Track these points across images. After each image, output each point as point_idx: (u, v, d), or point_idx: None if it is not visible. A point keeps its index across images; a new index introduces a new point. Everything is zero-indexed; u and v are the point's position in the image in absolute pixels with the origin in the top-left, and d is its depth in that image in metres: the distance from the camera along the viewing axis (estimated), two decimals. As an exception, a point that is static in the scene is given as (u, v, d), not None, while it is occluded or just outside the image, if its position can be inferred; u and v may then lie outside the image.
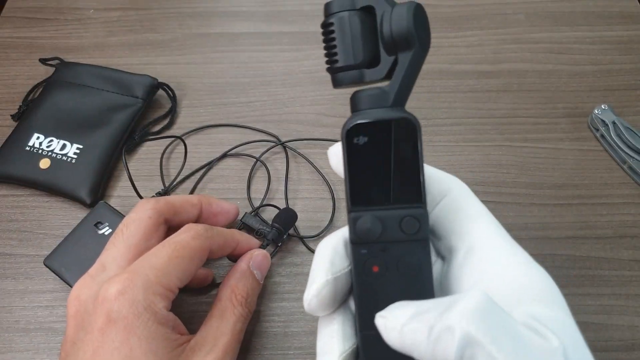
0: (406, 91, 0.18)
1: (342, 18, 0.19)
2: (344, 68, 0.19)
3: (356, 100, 0.18)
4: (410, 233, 0.18)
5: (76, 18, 0.48)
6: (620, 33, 0.46)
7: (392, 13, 0.17)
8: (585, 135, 0.39)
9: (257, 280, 0.28)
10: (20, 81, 0.43)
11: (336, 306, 0.20)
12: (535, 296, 0.17)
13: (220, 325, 0.25)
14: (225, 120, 0.40)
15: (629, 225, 0.35)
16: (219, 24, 0.47)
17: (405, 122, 0.18)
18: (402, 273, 0.18)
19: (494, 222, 0.20)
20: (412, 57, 0.17)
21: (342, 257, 0.20)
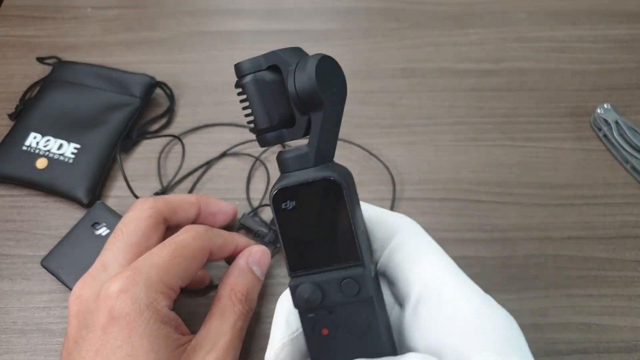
0: (327, 147, 0.18)
1: (249, 82, 0.18)
2: (262, 131, 0.18)
3: (281, 162, 0.18)
4: (352, 295, 0.17)
5: (73, 16, 0.47)
6: (623, 32, 0.46)
7: (296, 71, 0.17)
8: (587, 134, 0.39)
9: (256, 277, 0.27)
10: (17, 80, 0.42)
11: None
12: (492, 344, 0.16)
13: (221, 324, 0.24)
14: (224, 119, 0.40)
15: (631, 226, 0.34)
16: (217, 22, 0.47)
17: (327, 182, 0.17)
18: (351, 333, 0.18)
19: (444, 261, 0.19)
20: (323, 115, 0.17)
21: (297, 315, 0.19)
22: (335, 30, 0.46)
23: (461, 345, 0.17)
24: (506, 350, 0.16)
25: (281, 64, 0.18)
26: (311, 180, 0.17)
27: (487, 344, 0.16)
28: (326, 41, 0.45)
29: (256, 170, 0.37)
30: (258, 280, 0.27)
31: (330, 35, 0.46)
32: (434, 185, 0.37)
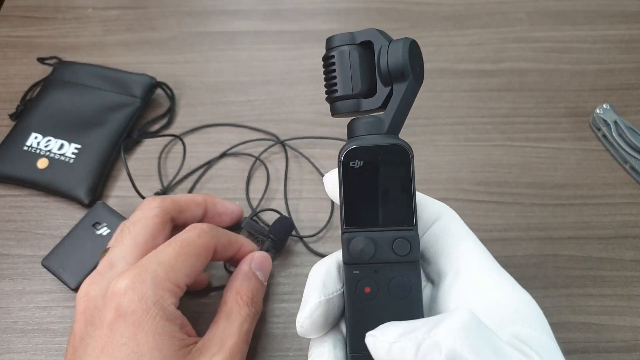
0: (400, 119, 0.19)
1: (343, 52, 0.20)
2: (342, 97, 0.20)
3: (353, 127, 0.20)
4: (402, 254, 0.18)
5: (74, 17, 0.47)
6: (622, 32, 0.46)
7: (390, 47, 0.19)
8: (586, 134, 0.39)
9: (260, 281, 0.27)
10: (18, 80, 0.43)
11: (328, 328, 0.20)
12: (519, 318, 0.18)
13: (227, 326, 0.24)
14: (224, 120, 0.40)
15: (631, 226, 0.34)
16: (217, 23, 0.47)
17: (398, 148, 0.19)
18: (392, 294, 0.19)
19: (481, 248, 0.20)
20: (406, 87, 0.19)
21: (335, 279, 0.20)
22: (335, 31, 0.46)
23: (494, 314, 0.18)
24: (536, 326, 0.18)
25: (375, 39, 0.19)
26: (383, 144, 0.19)
27: (519, 318, 0.18)
28: (326, 42, 0.45)
29: (256, 170, 0.37)
30: (261, 284, 0.28)
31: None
32: (433, 185, 0.37)
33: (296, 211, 0.35)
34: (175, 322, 0.23)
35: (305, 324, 0.20)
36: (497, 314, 0.18)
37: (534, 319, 0.18)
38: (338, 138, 0.39)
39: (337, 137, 0.39)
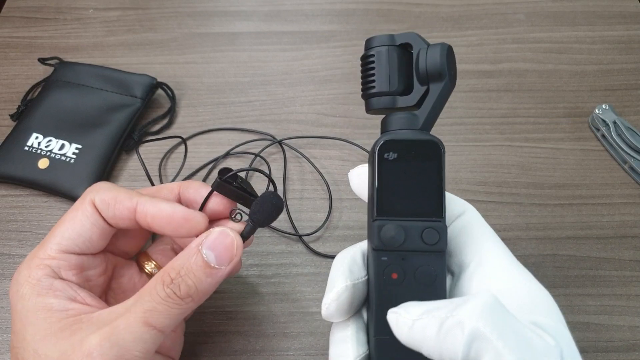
0: (434, 117, 0.21)
1: (381, 51, 0.21)
2: (378, 94, 0.21)
3: (388, 122, 0.21)
4: (430, 244, 0.19)
5: (75, 18, 0.47)
6: (621, 33, 0.46)
7: (428, 50, 0.20)
8: (586, 135, 0.39)
9: (204, 261, 0.22)
10: (19, 81, 0.43)
11: (352, 313, 0.21)
12: (536, 308, 0.19)
13: (130, 304, 0.21)
14: (225, 120, 0.40)
15: (629, 226, 0.35)
16: (218, 24, 0.47)
17: (432, 144, 0.20)
18: (418, 281, 0.19)
19: (502, 244, 0.21)
20: (442, 88, 0.20)
21: (360, 266, 0.21)
22: (335, 32, 0.47)
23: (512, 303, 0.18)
24: (549, 314, 0.18)
25: (414, 42, 0.21)
26: (418, 139, 0.20)
27: (537, 309, 0.19)
28: (326, 42, 0.46)
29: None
30: (206, 265, 0.22)
31: (330, 37, 0.46)
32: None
33: (297, 211, 0.36)
34: (55, 294, 0.21)
35: (332, 307, 0.20)
36: (516, 303, 0.18)
37: (550, 311, 0.19)
38: (336, 138, 0.39)
39: (336, 137, 0.39)
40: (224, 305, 0.31)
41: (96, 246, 0.24)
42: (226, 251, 0.22)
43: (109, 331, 0.20)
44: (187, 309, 0.22)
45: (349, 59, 0.44)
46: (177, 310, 0.21)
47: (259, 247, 0.34)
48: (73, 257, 0.23)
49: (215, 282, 0.22)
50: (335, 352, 0.20)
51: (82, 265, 0.23)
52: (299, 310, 0.31)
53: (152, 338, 0.21)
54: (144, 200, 0.23)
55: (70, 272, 0.23)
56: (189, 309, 0.22)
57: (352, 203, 0.36)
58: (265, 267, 0.33)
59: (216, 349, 0.30)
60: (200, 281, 0.22)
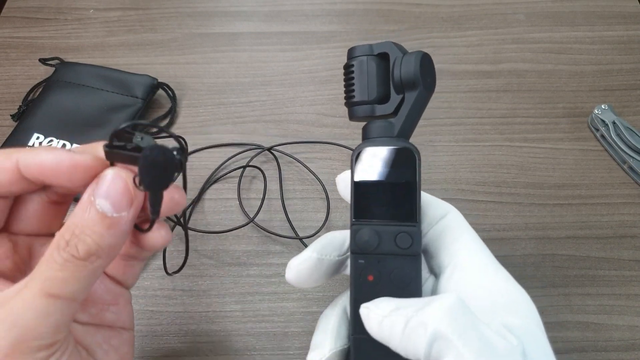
0: (410, 125, 0.21)
1: (362, 61, 0.22)
2: (359, 102, 0.22)
3: (367, 130, 0.22)
4: (404, 247, 0.20)
5: (76, 18, 0.48)
6: (620, 33, 0.46)
7: (403, 59, 0.21)
8: (585, 135, 0.39)
9: (100, 213, 0.18)
10: (20, 81, 0.43)
11: (312, 285, 0.22)
12: (511, 309, 0.19)
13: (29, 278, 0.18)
14: (225, 120, 0.41)
15: (629, 225, 0.35)
16: (218, 24, 0.47)
17: (406, 151, 0.20)
18: (393, 284, 0.20)
19: (479, 243, 0.22)
20: (416, 96, 0.21)
21: (335, 246, 0.22)
22: (335, 32, 0.47)
23: (487, 305, 0.19)
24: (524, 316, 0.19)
25: (391, 52, 0.21)
26: (393, 147, 0.21)
27: (509, 308, 0.19)
28: (326, 43, 0.46)
29: (253, 178, 0.38)
30: (103, 217, 0.18)
31: (330, 37, 0.46)
32: (432, 185, 0.37)
33: (296, 212, 0.36)
34: None
35: (291, 272, 0.21)
36: (490, 304, 0.19)
37: (524, 310, 0.19)
38: (324, 142, 0.39)
39: (332, 140, 0.39)
40: (224, 304, 0.31)
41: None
42: (122, 195, 0.19)
43: (3, 313, 0.17)
44: (97, 268, 0.19)
45: (349, 59, 0.45)
46: (84, 273, 0.18)
47: (259, 247, 0.34)
48: None
49: (120, 232, 0.19)
50: (314, 341, 0.21)
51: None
52: (299, 309, 0.31)
53: (60, 309, 0.18)
54: (24, 154, 0.20)
55: None
56: (100, 268, 0.19)
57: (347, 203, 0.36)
58: (265, 267, 0.33)
59: (216, 348, 0.30)
60: (101, 236, 0.18)
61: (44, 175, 0.20)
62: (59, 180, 0.20)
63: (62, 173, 0.20)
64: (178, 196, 0.21)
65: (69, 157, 0.20)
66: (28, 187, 0.21)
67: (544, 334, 0.18)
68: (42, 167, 0.20)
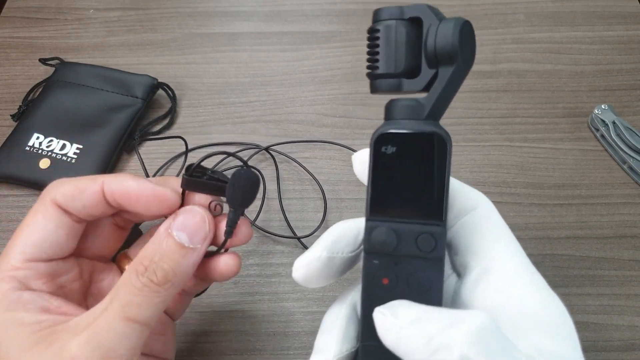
0: (442, 106, 0.18)
1: (389, 26, 0.18)
2: (383, 75, 0.19)
3: (390, 109, 0.18)
4: (426, 250, 0.17)
5: (76, 18, 0.48)
6: (620, 33, 0.46)
7: (439, 27, 0.17)
8: (585, 135, 0.39)
9: (177, 243, 0.21)
10: (20, 81, 0.43)
11: (323, 284, 0.20)
12: (546, 328, 0.17)
13: (108, 302, 0.20)
14: (226, 120, 0.41)
15: (629, 225, 0.35)
16: (218, 24, 0.47)
17: (436, 137, 0.17)
18: (411, 289, 0.18)
19: (515, 245, 0.19)
20: (452, 72, 0.17)
21: (348, 242, 0.19)
22: (335, 32, 0.47)
23: (517, 320, 0.17)
24: (560, 336, 0.17)
25: (425, 16, 0.18)
26: (420, 132, 0.17)
27: (542, 326, 0.17)
28: (326, 42, 0.46)
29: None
30: (180, 247, 0.21)
31: (330, 37, 0.46)
32: (433, 185, 0.37)
33: (295, 212, 0.36)
34: (25, 307, 0.20)
35: (299, 272, 0.19)
36: (523, 319, 0.17)
37: (562, 331, 0.17)
38: (321, 140, 0.39)
39: (329, 140, 0.39)
40: (224, 304, 0.31)
41: (65, 249, 0.22)
42: (197, 229, 0.21)
43: (89, 334, 0.19)
44: (168, 296, 0.20)
45: (349, 59, 0.45)
46: (157, 299, 0.20)
47: (259, 247, 0.34)
48: (41, 265, 0.21)
49: (193, 262, 0.21)
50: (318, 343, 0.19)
51: (52, 272, 0.22)
52: (299, 309, 0.31)
53: (136, 333, 0.19)
54: (109, 179, 0.22)
55: (39, 281, 0.21)
56: (170, 296, 0.21)
57: (349, 203, 0.36)
58: (265, 267, 0.33)
59: (216, 348, 0.30)
60: (177, 263, 0.20)
61: (126, 201, 0.22)
62: (137, 207, 0.22)
63: (143, 201, 0.22)
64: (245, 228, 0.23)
65: (152, 187, 0.22)
66: (107, 210, 0.23)
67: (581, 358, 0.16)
68: (126, 194, 0.22)
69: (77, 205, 0.22)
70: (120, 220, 0.25)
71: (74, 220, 0.22)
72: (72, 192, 0.22)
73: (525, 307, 0.17)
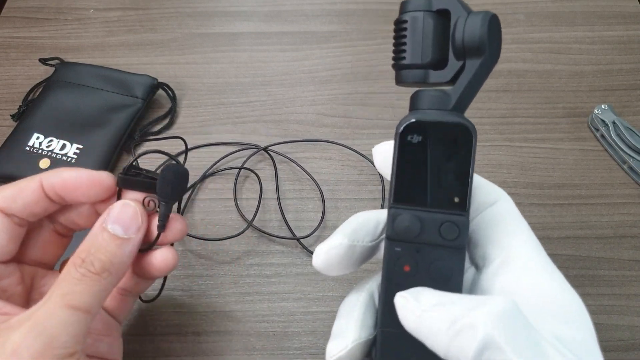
0: (468, 98, 0.18)
1: (417, 17, 0.18)
2: (410, 66, 0.19)
3: (417, 99, 0.19)
4: (449, 239, 0.18)
5: (76, 18, 0.48)
6: (620, 33, 0.46)
7: (468, 19, 0.18)
8: (585, 135, 0.39)
9: (112, 235, 0.21)
10: (20, 81, 0.43)
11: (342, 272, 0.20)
12: (563, 316, 0.17)
13: (47, 295, 0.20)
14: (225, 120, 0.41)
15: (629, 225, 0.35)
16: (218, 24, 0.47)
17: (462, 128, 0.18)
18: (432, 277, 0.18)
19: (535, 240, 0.19)
20: (480, 64, 0.18)
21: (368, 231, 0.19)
22: (335, 32, 0.47)
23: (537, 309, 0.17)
24: (578, 327, 0.17)
25: (453, 9, 0.18)
26: (447, 122, 0.18)
27: (561, 315, 0.17)
28: (326, 43, 0.46)
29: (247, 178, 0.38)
30: (114, 238, 0.21)
31: (330, 37, 0.46)
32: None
33: (294, 212, 0.36)
34: None
35: (320, 258, 0.19)
36: (542, 308, 0.17)
37: (578, 320, 0.17)
38: (320, 140, 0.39)
39: (328, 140, 0.39)
40: (223, 304, 0.31)
41: (6, 252, 0.22)
42: (131, 220, 0.22)
43: (30, 324, 0.19)
44: (108, 285, 0.21)
45: (349, 59, 0.44)
46: (97, 287, 0.20)
47: (258, 247, 0.34)
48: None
49: (129, 252, 0.22)
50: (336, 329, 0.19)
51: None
52: (299, 309, 0.31)
53: (78, 320, 0.20)
54: (47, 174, 0.23)
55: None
56: (110, 285, 0.21)
57: (348, 203, 0.36)
58: (265, 267, 0.33)
59: (216, 349, 0.30)
60: (113, 254, 0.21)
61: (66, 191, 0.23)
62: (77, 195, 0.23)
63: (82, 188, 0.23)
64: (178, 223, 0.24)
65: (88, 173, 0.23)
66: (48, 207, 0.23)
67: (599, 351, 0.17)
68: (64, 183, 0.23)
69: (19, 204, 0.22)
70: (60, 227, 0.25)
71: (15, 223, 0.22)
72: (12, 193, 0.22)
73: (544, 296, 0.17)
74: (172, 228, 0.24)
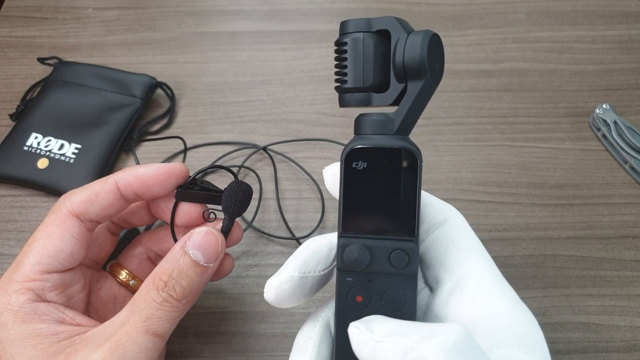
0: (411, 121, 0.18)
1: (357, 39, 0.18)
2: (352, 89, 0.18)
3: (360, 124, 0.18)
4: (399, 267, 0.17)
5: (74, 17, 0.47)
6: (621, 32, 0.46)
7: (407, 40, 0.17)
8: (586, 135, 0.39)
9: (193, 260, 0.22)
10: (18, 80, 0.43)
11: (295, 304, 0.20)
12: (516, 339, 0.17)
13: (126, 314, 0.20)
14: (224, 120, 0.40)
15: (630, 226, 0.34)
16: (217, 23, 0.47)
17: (406, 152, 0.17)
18: (385, 305, 0.18)
19: (487, 259, 0.19)
20: (421, 87, 0.17)
21: (319, 260, 0.19)
22: (335, 31, 0.46)
23: (489, 334, 0.17)
24: (530, 348, 0.17)
25: (393, 29, 0.18)
26: (390, 147, 0.17)
27: (513, 339, 0.17)
28: (326, 42, 0.46)
29: (246, 177, 0.37)
30: (196, 265, 0.22)
31: (330, 36, 0.46)
32: (433, 185, 0.37)
33: (293, 213, 0.35)
34: (40, 318, 0.20)
35: (271, 293, 0.19)
36: (494, 332, 0.17)
37: (532, 341, 0.17)
38: (320, 139, 0.39)
39: (328, 139, 0.39)
40: (224, 305, 0.31)
41: (77, 259, 0.22)
42: (212, 248, 0.22)
43: (111, 346, 0.19)
44: (183, 311, 0.22)
45: (349, 58, 0.44)
46: (175, 314, 0.21)
47: (258, 248, 0.34)
48: (56, 277, 0.21)
49: (205, 280, 0.22)
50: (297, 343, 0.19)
51: (64, 283, 0.22)
52: (299, 310, 0.31)
53: (155, 346, 0.20)
54: (120, 175, 0.23)
55: (53, 293, 0.21)
56: (184, 311, 0.22)
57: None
58: (265, 267, 0.33)
59: (216, 349, 0.30)
60: (193, 281, 0.21)
61: (145, 187, 0.23)
62: (155, 189, 0.23)
63: (161, 181, 0.23)
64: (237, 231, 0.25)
65: (163, 166, 0.24)
66: (122, 207, 0.24)
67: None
68: (143, 181, 0.23)
69: (96, 208, 0.22)
70: (112, 226, 0.26)
71: (87, 227, 0.23)
72: (89, 198, 0.22)
73: (497, 320, 0.17)
74: (232, 236, 0.25)
